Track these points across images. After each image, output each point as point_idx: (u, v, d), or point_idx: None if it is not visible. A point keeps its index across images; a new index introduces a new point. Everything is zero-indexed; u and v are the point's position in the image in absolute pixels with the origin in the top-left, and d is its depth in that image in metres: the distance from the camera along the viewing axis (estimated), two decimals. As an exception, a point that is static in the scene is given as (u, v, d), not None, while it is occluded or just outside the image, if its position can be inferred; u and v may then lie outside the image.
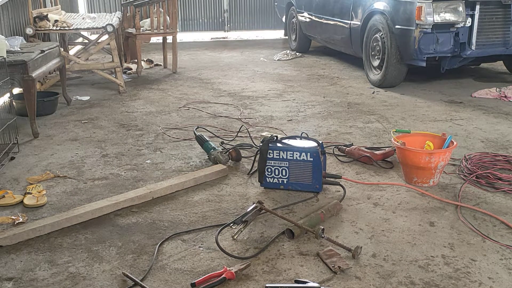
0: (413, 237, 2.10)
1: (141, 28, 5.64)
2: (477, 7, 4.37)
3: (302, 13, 6.74)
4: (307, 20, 6.60)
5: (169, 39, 5.97)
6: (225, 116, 3.95)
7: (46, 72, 3.84)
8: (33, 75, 3.43)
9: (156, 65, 6.27)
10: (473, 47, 4.47)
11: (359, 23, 5.18)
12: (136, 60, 5.77)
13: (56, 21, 4.90)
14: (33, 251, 2.03)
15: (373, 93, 4.72)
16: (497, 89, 4.50)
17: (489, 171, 2.68)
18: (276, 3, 8.26)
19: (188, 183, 2.64)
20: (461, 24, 4.35)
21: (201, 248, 2.04)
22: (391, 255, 1.97)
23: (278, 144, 2.57)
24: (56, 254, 2.02)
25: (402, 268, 1.88)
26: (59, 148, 3.30)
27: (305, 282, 1.74)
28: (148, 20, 5.72)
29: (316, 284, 1.73)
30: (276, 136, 2.65)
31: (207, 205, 2.44)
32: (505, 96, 4.38)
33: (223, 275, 1.78)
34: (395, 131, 2.94)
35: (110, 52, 5.15)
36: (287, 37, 7.67)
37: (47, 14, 4.90)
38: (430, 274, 1.85)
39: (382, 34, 4.75)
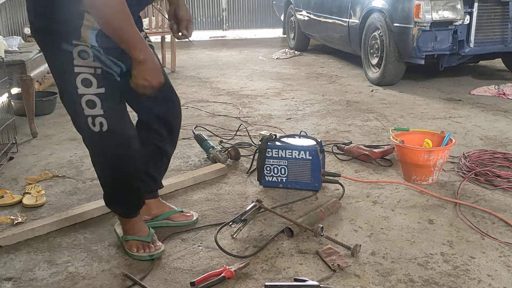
0: (412, 235, 2.10)
1: (140, 27, 5.63)
2: (476, 4, 4.37)
3: (301, 11, 6.74)
4: (306, 18, 6.60)
5: (168, 38, 5.97)
6: (224, 115, 3.95)
7: (45, 71, 3.84)
8: (32, 74, 3.42)
9: (155, 64, 6.26)
10: (472, 45, 4.47)
11: (357, 21, 5.18)
12: (134, 60, 5.76)
13: (54, 20, 4.89)
14: (32, 251, 2.03)
15: (371, 91, 4.72)
16: (496, 86, 4.51)
17: (488, 168, 2.68)
18: (274, 2, 8.26)
19: (187, 182, 2.64)
20: (460, 22, 4.35)
21: (200, 247, 2.04)
22: (390, 253, 1.97)
23: (277, 143, 2.57)
24: (55, 254, 2.02)
25: (401, 266, 1.88)
26: (58, 147, 3.30)
27: (305, 281, 1.74)
28: (147, 19, 5.71)
29: (315, 283, 1.73)
30: (275, 135, 2.65)
31: (206, 204, 2.44)
32: (504, 94, 4.38)
33: (222, 274, 1.78)
34: (394, 129, 2.94)
35: (109, 51, 5.14)
36: (285, 35, 7.67)
37: (45, 14, 4.89)
38: (429, 271, 1.85)
39: (380, 32, 4.75)
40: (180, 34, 2.05)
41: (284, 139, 2.61)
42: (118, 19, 1.56)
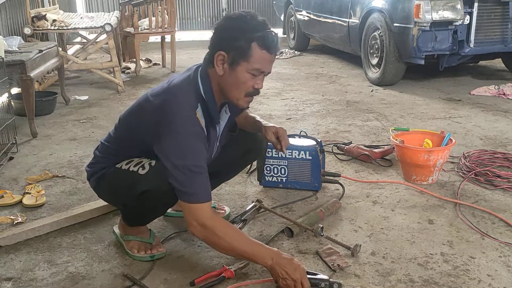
0: (412, 235, 2.10)
1: (140, 27, 5.64)
2: (475, 4, 4.37)
3: (301, 11, 6.74)
4: (306, 18, 6.60)
5: (168, 38, 5.97)
6: (224, 115, 3.95)
7: (45, 71, 3.84)
8: (32, 75, 3.42)
9: (155, 64, 6.27)
10: (472, 45, 4.47)
11: (357, 21, 5.18)
12: (134, 60, 5.77)
13: (54, 20, 4.89)
14: (32, 251, 2.03)
15: (371, 91, 4.72)
16: (496, 86, 4.51)
17: (487, 168, 2.68)
18: (274, 2, 8.26)
19: (187, 182, 2.63)
20: (460, 22, 4.35)
21: (200, 247, 2.04)
22: (390, 253, 1.97)
23: (277, 143, 2.56)
24: (55, 254, 2.02)
25: (401, 266, 1.88)
26: (57, 148, 3.30)
27: (315, 274, 1.75)
28: (147, 19, 5.72)
29: (325, 276, 1.74)
30: (275, 135, 2.65)
31: (206, 204, 2.43)
32: (504, 94, 4.38)
33: (222, 274, 1.78)
34: (394, 129, 2.94)
35: (109, 51, 5.14)
36: (285, 35, 7.67)
37: (45, 14, 4.90)
38: (429, 271, 1.85)
39: (380, 32, 4.75)
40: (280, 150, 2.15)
41: (284, 139, 2.61)
42: (231, 250, 1.75)
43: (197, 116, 1.73)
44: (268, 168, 2.56)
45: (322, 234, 2.01)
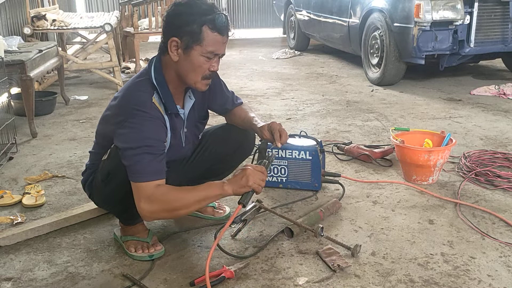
0: (412, 235, 2.10)
1: (139, 27, 5.64)
2: (476, 4, 4.37)
3: (301, 11, 6.74)
4: (306, 18, 6.60)
5: (168, 38, 5.96)
6: (224, 115, 3.95)
7: (44, 71, 3.84)
8: (31, 74, 3.42)
9: (155, 64, 6.25)
10: (472, 45, 4.47)
11: (357, 21, 5.18)
12: (134, 59, 5.77)
13: (54, 20, 4.89)
14: (32, 251, 2.03)
15: (372, 91, 4.72)
16: (496, 86, 4.51)
17: (488, 168, 2.68)
18: (274, 2, 8.26)
19: (187, 182, 2.63)
20: (460, 22, 4.35)
21: (200, 247, 2.04)
22: (390, 253, 1.96)
23: (277, 143, 2.56)
24: (55, 254, 2.01)
25: (401, 266, 1.88)
26: (57, 148, 3.29)
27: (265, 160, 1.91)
28: (146, 19, 5.71)
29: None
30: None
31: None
32: (504, 94, 4.38)
33: (222, 274, 1.78)
34: (394, 129, 2.94)
35: (108, 51, 5.14)
36: (285, 35, 7.67)
37: (45, 14, 4.90)
38: (429, 272, 1.85)
39: (380, 32, 4.75)
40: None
41: (284, 139, 2.60)
42: (188, 207, 1.77)
43: (154, 101, 1.79)
44: (268, 168, 2.55)
45: (322, 234, 2.01)
